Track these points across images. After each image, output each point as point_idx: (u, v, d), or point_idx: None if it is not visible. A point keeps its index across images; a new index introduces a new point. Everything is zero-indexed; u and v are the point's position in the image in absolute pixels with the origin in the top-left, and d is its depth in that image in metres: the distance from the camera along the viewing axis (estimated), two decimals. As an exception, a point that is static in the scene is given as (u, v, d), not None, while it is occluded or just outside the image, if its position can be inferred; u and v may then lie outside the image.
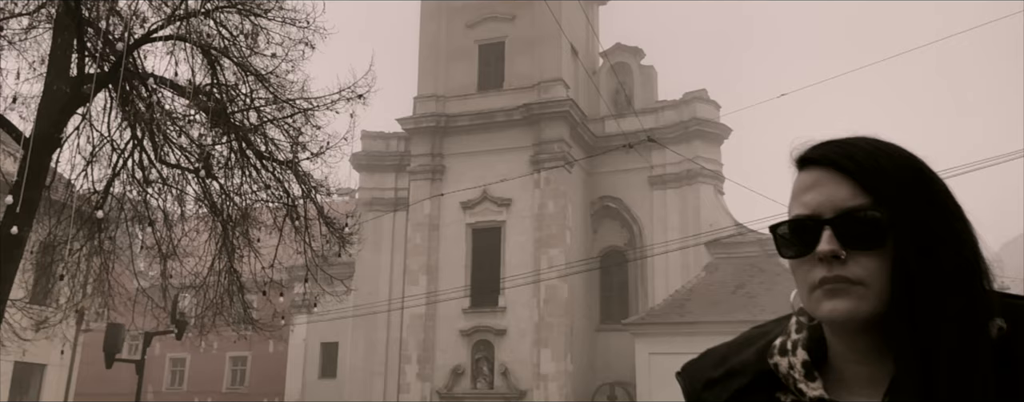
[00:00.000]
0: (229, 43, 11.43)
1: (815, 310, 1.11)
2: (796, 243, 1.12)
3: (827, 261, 1.07)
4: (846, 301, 1.06)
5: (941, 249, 1.05)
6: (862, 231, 1.07)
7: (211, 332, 13.48)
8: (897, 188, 1.08)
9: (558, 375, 28.98)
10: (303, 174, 11.64)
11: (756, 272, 28.52)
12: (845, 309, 1.06)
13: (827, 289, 1.08)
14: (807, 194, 1.13)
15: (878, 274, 1.06)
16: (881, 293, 1.06)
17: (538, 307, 29.72)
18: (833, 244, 1.07)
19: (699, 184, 31.59)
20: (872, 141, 1.14)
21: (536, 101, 31.63)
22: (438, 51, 34.26)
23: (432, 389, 30.61)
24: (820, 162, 1.13)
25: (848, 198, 1.09)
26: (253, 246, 11.94)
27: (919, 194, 1.08)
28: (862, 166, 1.10)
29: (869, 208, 1.07)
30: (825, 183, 1.11)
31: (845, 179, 1.10)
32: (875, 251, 1.06)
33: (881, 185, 1.08)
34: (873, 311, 1.06)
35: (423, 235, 32.36)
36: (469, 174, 31.63)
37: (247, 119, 11.29)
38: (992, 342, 1.03)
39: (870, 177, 1.09)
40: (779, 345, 1.20)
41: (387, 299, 32.14)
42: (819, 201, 1.10)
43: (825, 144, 1.15)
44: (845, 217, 1.08)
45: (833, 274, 1.07)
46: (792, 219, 1.13)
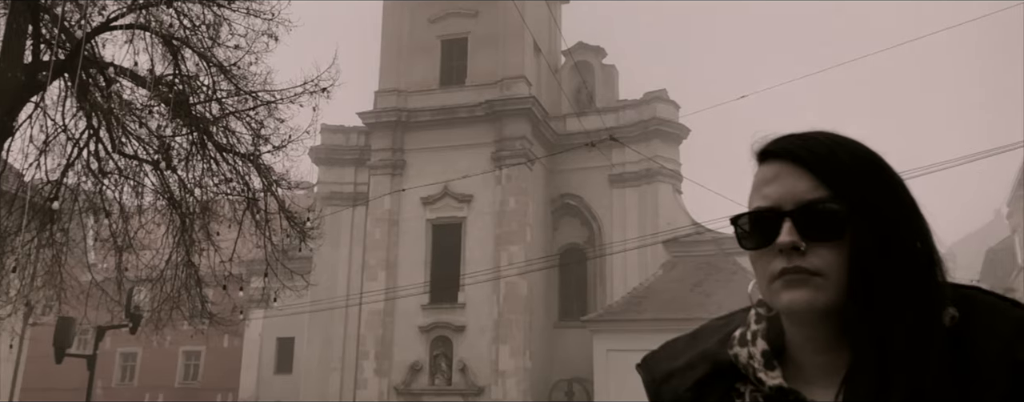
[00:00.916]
0: (190, 33, 11.24)
1: (774, 300, 1.13)
2: (756, 235, 1.14)
3: (787, 252, 1.10)
4: (805, 292, 1.09)
5: (897, 241, 1.09)
6: (821, 223, 1.09)
7: (167, 326, 13.27)
8: (855, 181, 1.11)
9: (516, 371, 29.06)
10: (264, 167, 11.52)
11: (712, 270, 28.91)
12: (804, 299, 1.09)
13: (786, 280, 1.10)
14: (768, 186, 1.15)
15: (836, 265, 1.08)
16: (839, 284, 1.08)
17: (497, 304, 29.76)
18: (793, 236, 1.09)
19: (658, 183, 31.90)
20: (831, 135, 1.17)
21: (498, 98, 31.63)
22: (400, 46, 34.06)
23: (390, 385, 30.48)
24: (780, 155, 1.16)
25: (808, 191, 1.11)
26: (213, 240, 11.77)
27: (876, 187, 1.12)
28: (822, 159, 1.12)
29: (828, 200, 1.10)
30: (785, 176, 1.14)
31: (805, 172, 1.12)
32: (834, 243, 1.09)
33: (840, 178, 1.11)
34: (831, 301, 1.08)
35: (383, 230, 32.17)
36: (430, 170, 31.52)
37: (209, 111, 11.12)
38: (945, 330, 1.07)
39: (829, 170, 1.11)
40: (739, 336, 1.21)
41: (345, 294, 31.91)
42: (779, 193, 1.13)
43: (786, 138, 1.18)
44: (805, 209, 1.10)
45: (792, 265, 1.09)
46: (753, 211, 1.15)
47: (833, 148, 1.14)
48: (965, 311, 1.09)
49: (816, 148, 1.14)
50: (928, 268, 1.10)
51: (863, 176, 1.12)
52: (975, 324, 1.08)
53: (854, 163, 1.13)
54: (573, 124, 33.64)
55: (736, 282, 28.11)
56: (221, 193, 11.45)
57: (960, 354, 1.06)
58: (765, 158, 1.19)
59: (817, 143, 1.15)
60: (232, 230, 12.20)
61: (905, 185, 1.15)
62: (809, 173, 1.12)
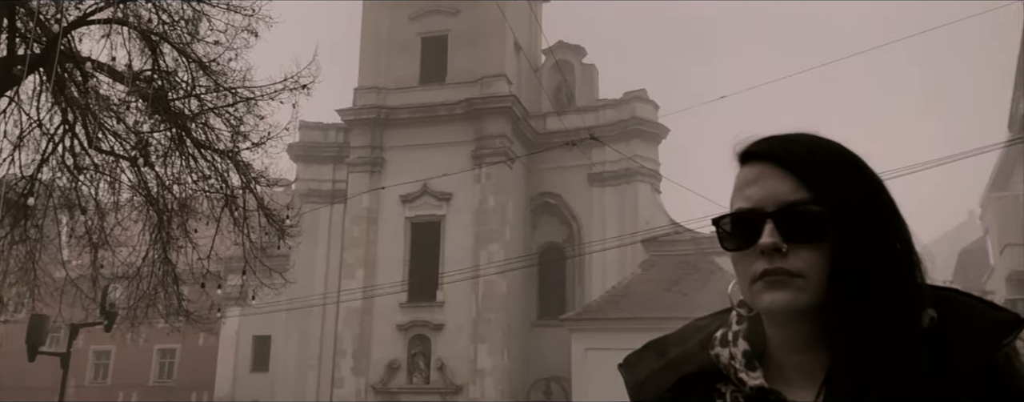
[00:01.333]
0: (169, 28, 11.13)
1: (755, 301, 1.14)
2: (738, 236, 1.14)
3: (768, 254, 1.10)
4: (786, 293, 1.09)
5: (877, 243, 1.10)
6: (803, 225, 1.10)
7: (143, 324, 13.13)
8: (836, 183, 1.11)
9: (495, 370, 29.06)
10: (243, 164, 11.43)
11: (690, 270, 29.05)
12: (785, 301, 1.10)
13: (768, 281, 1.10)
14: (749, 188, 1.15)
15: (817, 267, 1.09)
16: (819, 285, 1.09)
17: (476, 302, 29.73)
18: (775, 237, 1.10)
19: (637, 182, 32.01)
20: (813, 137, 1.18)
21: (478, 96, 31.59)
22: (380, 43, 33.91)
23: (367, 384, 30.37)
24: (762, 157, 1.16)
25: (789, 192, 1.12)
26: (190, 237, 11.66)
27: (857, 190, 1.12)
28: (803, 161, 1.13)
29: (810, 202, 1.10)
30: (767, 177, 1.14)
31: (787, 174, 1.13)
32: (815, 244, 1.09)
33: (821, 180, 1.11)
34: (811, 303, 1.09)
35: (361, 228, 32.04)
36: (409, 167, 31.42)
37: (188, 107, 11.02)
38: (924, 331, 1.08)
39: (811, 172, 1.12)
40: (720, 336, 1.23)
41: (322, 292, 31.73)
42: (761, 195, 1.13)
43: (767, 139, 1.18)
44: (786, 211, 1.11)
45: (774, 266, 1.10)
46: (734, 212, 1.16)
47: (814, 150, 1.15)
48: (944, 312, 1.11)
49: (797, 150, 1.14)
50: (908, 270, 1.11)
51: (844, 178, 1.12)
52: (953, 326, 1.09)
53: (835, 165, 1.14)
54: (553, 123, 33.67)
55: (714, 281, 28.28)
56: (200, 190, 11.34)
57: (938, 355, 1.06)
58: (747, 159, 1.19)
59: (798, 145, 1.16)
60: (210, 227, 12.11)
61: (885, 187, 1.16)
62: (791, 175, 1.13)
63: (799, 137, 1.18)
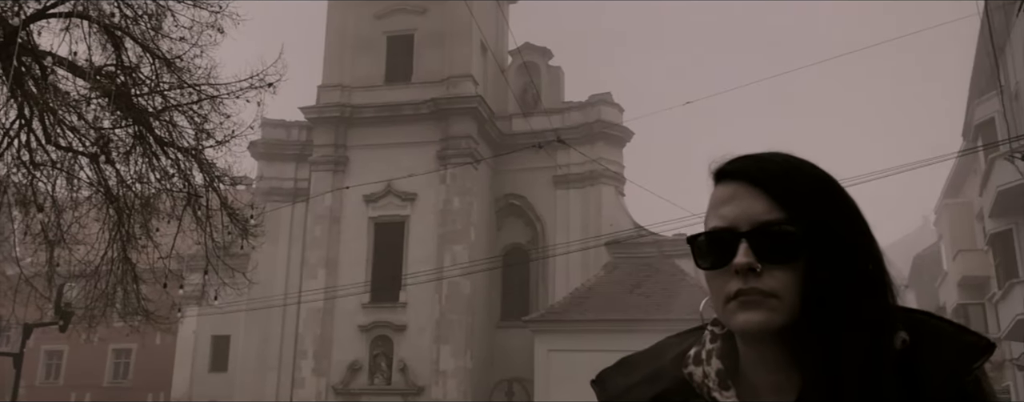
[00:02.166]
0: (131, 23, 10.90)
1: (729, 321, 1.14)
2: (712, 254, 1.15)
3: (743, 273, 1.11)
4: (760, 313, 1.10)
5: (850, 264, 1.11)
6: (777, 245, 1.10)
7: (100, 324, 12.86)
8: (811, 204, 1.12)
9: (457, 371, 28.99)
10: (207, 163, 11.25)
11: (653, 272, 29.29)
12: (759, 321, 1.10)
13: (742, 301, 1.11)
14: (724, 207, 1.16)
15: (791, 287, 1.10)
16: (793, 306, 1.10)
17: (439, 303, 29.63)
18: (749, 257, 1.10)
19: (601, 185, 32.18)
20: (787, 157, 1.18)
21: (444, 96, 31.50)
22: (345, 40, 33.62)
23: (328, 384, 30.10)
24: (737, 176, 1.17)
25: (764, 212, 1.12)
26: (151, 236, 11.44)
27: (831, 211, 1.13)
28: (778, 182, 1.14)
29: (784, 223, 1.11)
30: (742, 196, 1.15)
31: (761, 193, 1.13)
32: (788, 265, 1.10)
33: (796, 201, 1.12)
34: (785, 323, 1.10)
35: (323, 228, 31.74)
36: (373, 167, 31.20)
37: (152, 103, 10.80)
38: (896, 354, 1.09)
39: (785, 193, 1.13)
40: (693, 355, 1.23)
41: (283, 292, 31.36)
42: (736, 214, 1.14)
43: (742, 158, 1.19)
44: (761, 231, 1.11)
45: (748, 286, 1.10)
46: (709, 231, 1.16)
47: (789, 170, 1.16)
48: (915, 335, 1.12)
49: (772, 170, 1.15)
50: (880, 292, 1.12)
51: (818, 199, 1.13)
52: (925, 348, 1.11)
53: (809, 186, 1.15)
54: (519, 124, 33.69)
55: (675, 284, 28.55)
56: (163, 189, 11.13)
57: (910, 377, 1.08)
58: (721, 178, 1.19)
59: (773, 165, 1.16)
60: (171, 226, 11.89)
61: (858, 208, 1.17)
62: (765, 195, 1.13)
63: (774, 157, 1.18)
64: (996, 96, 21.38)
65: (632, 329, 26.87)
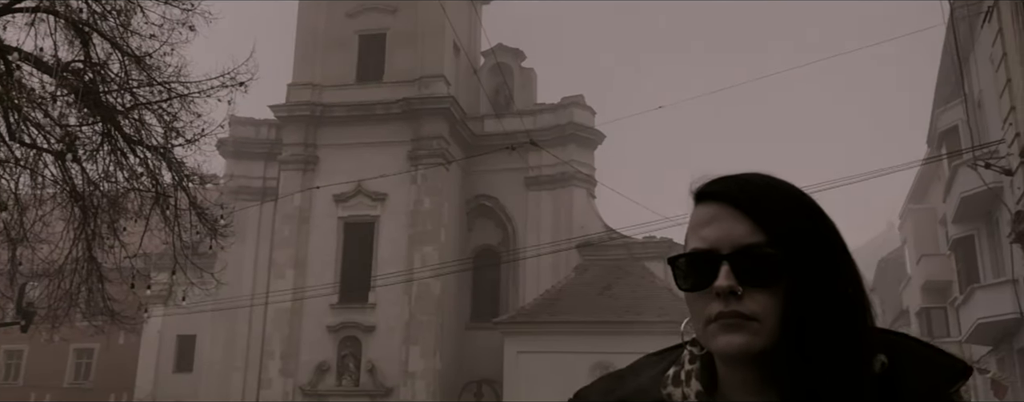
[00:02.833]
0: (99, 18, 10.71)
1: (710, 343, 1.14)
2: (693, 276, 1.15)
3: (724, 296, 1.11)
4: (741, 336, 1.10)
5: (831, 288, 1.11)
6: (758, 268, 1.11)
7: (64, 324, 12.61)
8: (791, 227, 1.13)
9: (426, 373, 28.89)
10: (176, 162, 11.08)
11: (623, 274, 29.42)
12: (739, 344, 1.10)
13: (723, 324, 1.11)
14: (705, 228, 1.16)
15: (772, 310, 1.10)
16: (773, 329, 1.10)
17: (409, 304, 29.51)
18: (730, 280, 1.10)
19: (573, 187, 32.25)
20: (768, 178, 1.19)
21: (416, 96, 31.37)
22: (316, 39, 33.35)
23: (295, 385, 29.83)
24: (718, 197, 1.17)
25: (745, 235, 1.12)
26: (118, 235, 11.24)
27: (811, 234, 1.14)
28: (759, 204, 1.14)
29: (765, 245, 1.11)
30: (723, 218, 1.15)
31: (742, 216, 1.13)
32: (769, 288, 1.11)
33: (776, 224, 1.12)
34: (765, 346, 1.10)
35: (292, 227, 31.46)
36: (343, 166, 30.98)
37: (122, 101, 10.61)
38: (875, 377, 1.10)
39: (766, 215, 1.13)
40: (672, 375, 1.23)
41: (250, 292, 31.02)
42: (717, 236, 1.14)
43: (723, 180, 1.19)
44: (742, 253, 1.11)
45: (729, 309, 1.10)
46: (690, 252, 1.16)
47: (770, 192, 1.16)
48: (894, 358, 1.13)
49: (753, 192, 1.15)
50: (859, 314, 1.13)
51: (799, 222, 1.14)
52: (903, 371, 1.12)
53: (790, 208, 1.15)
54: (491, 125, 33.67)
55: (644, 286, 28.71)
56: (132, 188, 10.94)
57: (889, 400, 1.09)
58: (701, 198, 1.19)
59: (754, 187, 1.16)
60: (139, 225, 11.70)
61: (838, 231, 1.17)
62: (746, 217, 1.13)
63: (754, 178, 1.18)
64: (960, 104, 21.77)
65: (601, 331, 27.02)
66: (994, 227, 20.67)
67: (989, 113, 18.52)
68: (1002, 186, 16.97)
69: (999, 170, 14.41)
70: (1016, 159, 13.02)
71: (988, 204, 19.63)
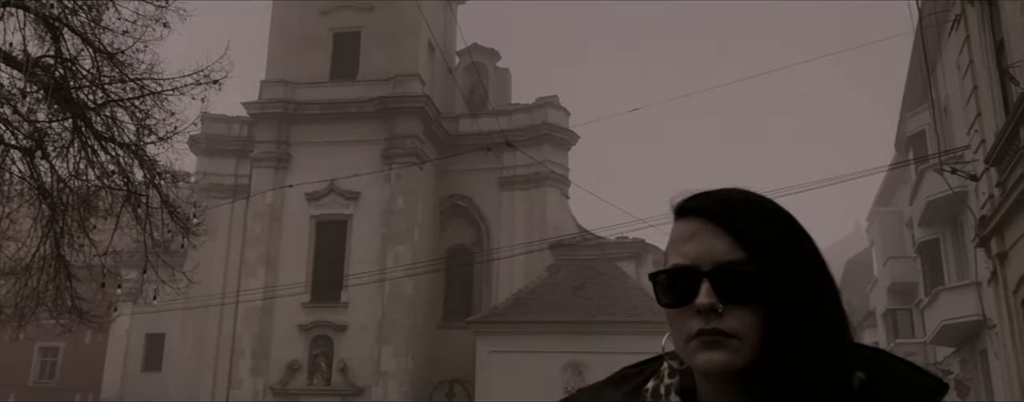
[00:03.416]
0: (70, 13, 10.57)
1: (691, 360, 1.15)
2: (674, 292, 1.15)
3: (704, 313, 1.11)
4: (722, 353, 1.11)
5: (810, 306, 1.12)
6: (739, 285, 1.11)
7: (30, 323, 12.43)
8: (772, 245, 1.14)
9: (398, 372, 28.83)
10: (148, 160, 10.96)
11: (595, 274, 29.57)
12: (720, 361, 1.11)
13: (703, 340, 1.11)
14: (686, 244, 1.16)
15: (752, 328, 1.11)
16: (753, 346, 1.11)
17: (382, 303, 29.41)
18: (711, 297, 1.11)
19: (547, 188, 32.34)
20: (749, 195, 1.20)
21: (391, 95, 31.26)
22: (289, 36, 33.11)
23: (265, 385, 29.61)
24: (698, 213, 1.17)
25: (726, 252, 1.13)
26: (88, 234, 11.10)
27: (792, 251, 1.15)
28: (739, 221, 1.14)
29: (746, 263, 1.12)
30: (703, 235, 1.15)
31: (723, 232, 1.14)
32: (750, 306, 1.12)
33: (757, 241, 1.13)
34: (746, 363, 1.11)
35: (263, 225, 31.23)
36: (316, 165, 30.81)
37: (93, 98, 10.48)
38: (853, 394, 1.12)
39: (747, 232, 1.14)
40: (652, 389, 1.24)
41: (221, 291, 30.73)
42: (698, 252, 1.14)
43: (704, 195, 1.20)
44: (723, 271, 1.12)
45: (710, 327, 1.11)
46: (671, 268, 1.17)
47: (751, 209, 1.17)
48: (871, 374, 1.15)
49: (734, 209, 1.16)
50: (838, 331, 1.14)
51: (779, 240, 1.15)
52: (881, 387, 1.14)
53: (770, 226, 1.16)
54: (465, 125, 33.67)
55: (616, 287, 28.89)
56: (103, 185, 10.80)
57: None
58: (682, 214, 1.19)
59: (734, 203, 1.17)
60: (109, 223, 11.56)
61: (817, 248, 1.18)
62: (727, 234, 1.14)
63: (735, 194, 1.20)
64: (927, 110, 22.16)
65: (574, 331, 27.14)
66: (959, 231, 21.05)
67: (955, 119, 18.86)
68: (967, 191, 17.30)
69: (965, 175, 14.69)
70: (981, 165, 13.30)
71: (953, 208, 19.99)
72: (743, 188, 1.22)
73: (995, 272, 12.67)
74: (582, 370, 26.47)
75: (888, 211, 31.10)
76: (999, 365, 15.59)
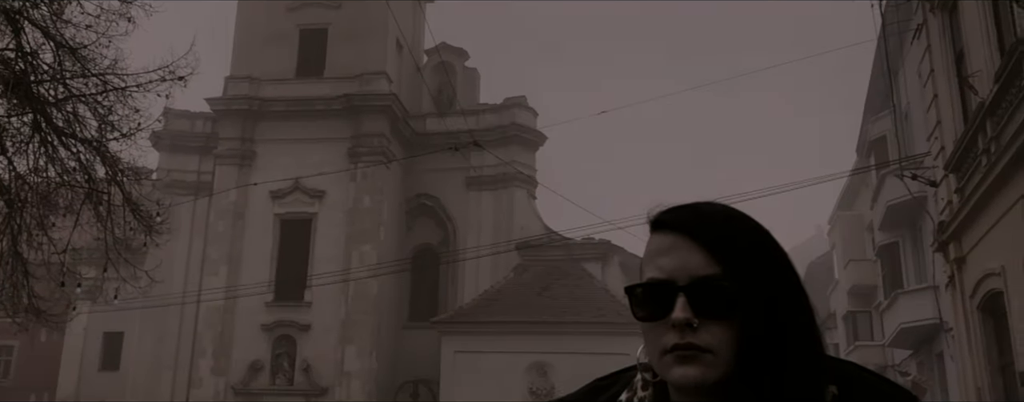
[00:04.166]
0: (31, 6, 10.32)
1: (665, 374, 1.15)
2: (649, 306, 1.16)
3: (680, 328, 1.12)
4: (696, 368, 1.11)
5: (785, 321, 1.13)
6: (714, 300, 1.12)
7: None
8: (747, 260, 1.14)
9: (362, 372, 28.64)
10: (111, 156, 10.74)
11: (561, 275, 29.66)
12: (695, 376, 1.11)
13: (678, 355, 1.12)
14: (662, 258, 1.17)
15: (726, 343, 1.12)
16: (728, 361, 1.12)
17: (346, 303, 29.20)
18: (687, 312, 1.11)
19: (514, 188, 32.34)
20: (724, 209, 1.21)
21: (357, 92, 31.05)
22: (255, 32, 32.74)
23: (227, 384, 29.24)
24: (675, 227, 1.18)
25: (702, 266, 1.13)
26: (47, 232, 10.84)
27: (766, 267, 1.16)
28: (716, 236, 1.15)
29: (721, 278, 1.13)
30: (679, 249, 1.16)
31: (698, 247, 1.15)
32: (725, 321, 1.12)
33: (733, 256, 1.14)
34: (720, 378, 1.12)
35: (226, 223, 30.84)
36: (280, 162, 30.50)
37: (55, 92, 10.24)
38: None
39: (723, 247, 1.14)
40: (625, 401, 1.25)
41: (182, 288, 30.26)
42: (674, 266, 1.15)
43: (680, 209, 1.20)
44: (698, 285, 1.13)
45: (685, 341, 1.11)
46: (647, 282, 1.17)
47: (726, 224, 1.18)
48: (844, 388, 1.16)
49: (711, 223, 1.17)
50: (811, 346, 1.15)
51: (754, 254, 1.16)
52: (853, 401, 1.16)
53: (745, 241, 1.17)
54: (433, 124, 33.56)
55: (582, 288, 29.00)
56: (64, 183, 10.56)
57: None
58: (659, 227, 1.20)
59: (711, 218, 1.18)
60: (68, 220, 11.31)
61: (790, 261, 1.20)
62: (703, 248, 1.14)
63: (711, 208, 1.20)
64: (889, 116, 22.56)
65: (539, 331, 27.19)
66: (918, 235, 21.46)
67: (916, 125, 19.23)
68: (926, 196, 17.65)
69: (924, 181, 14.99)
70: (940, 171, 13.57)
71: (913, 213, 20.37)
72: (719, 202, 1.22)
73: (952, 277, 12.93)
74: (547, 370, 26.54)
75: (849, 215, 31.61)
76: (954, 367, 15.94)
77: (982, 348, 11.77)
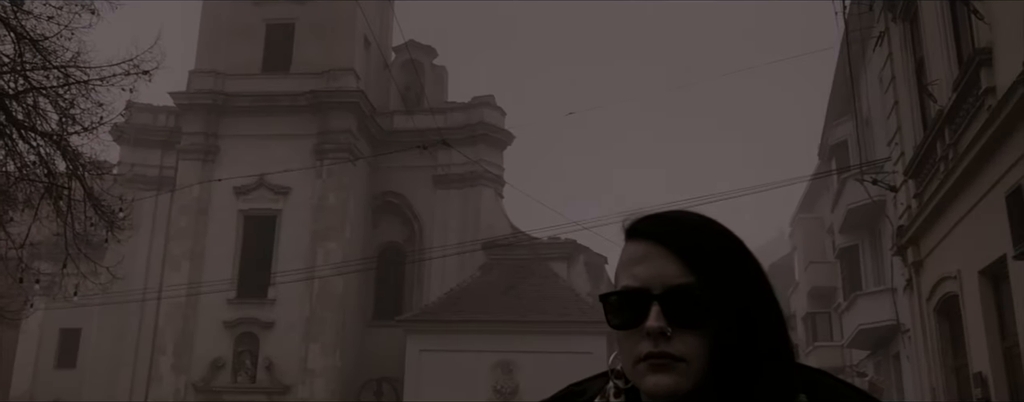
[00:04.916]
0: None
1: (639, 382, 1.16)
2: (623, 314, 1.16)
3: (654, 336, 1.13)
4: (670, 377, 1.13)
5: (758, 330, 1.15)
6: (688, 309, 1.13)
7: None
8: (721, 269, 1.16)
9: (326, 370, 28.44)
10: (72, 151, 10.54)
11: (527, 274, 29.71)
12: (668, 384, 1.13)
13: (652, 363, 1.13)
14: (637, 266, 1.18)
15: (699, 352, 1.13)
16: (701, 370, 1.13)
17: (310, 301, 28.97)
18: (661, 321, 1.12)
19: (481, 187, 32.31)
20: (700, 218, 1.22)
21: (324, 89, 30.79)
22: (220, 25, 32.29)
23: (187, 382, 28.85)
24: (650, 236, 1.19)
25: (676, 275, 1.15)
26: (4, 227, 10.62)
27: (740, 276, 1.17)
28: (689, 246, 1.17)
29: (695, 287, 1.14)
30: (654, 257, 1.17)
31: (673, 256, 1.16)
32: (698, 330, 1.13)
33: (707, 265, 1.15)
34: (693, 387, 1.13)
35: (189, 219, 30.40)
36: (245, 158, 30.13)
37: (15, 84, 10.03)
38: None
39: (697, 257, 1.16)
40: None
41: (143, 284, 29.79)
42: (648, 275, 1.16)
43: (655, 218, 1.22)
44: (672, 294, 1.14)
45: (659, 350, 1.13)
46: (621, 290, 1.18)
47: (701, 233, 1.19)
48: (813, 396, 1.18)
49: (685, 232, 1.18)
50: (783, 355, 1.18)
51: (728, 264, 1.17)
52: None
53: (720, 250, 1.18)
54: (400, 122, 33.41)
55: (548, 286, 29.08)
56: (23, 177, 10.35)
57: None
58: (634, 235, 1.21)
59: (685, 227, 1.20)
60: (27, 214, 11.09)
61: (763, 271, 1.22)
62: (677, 258, 1.16)
63: (686, 217, 1.22)
64: (850, 121, 22.95)
65: (505, 330, 27.22)
66: (877, 238, 21.86)
67: (876, 131, 19.58)
68: (886, 201, 17.98)
69: (884, 186, 15.25)
70: (900, 177, 13.83)
71: (873, 217, 20.75)
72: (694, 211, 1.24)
73: (910, 280, 13.20)
74: (512, 369, 26.59)
75: (810, 217, 32.10)
76: (911, 368, 16.28)
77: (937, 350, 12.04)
